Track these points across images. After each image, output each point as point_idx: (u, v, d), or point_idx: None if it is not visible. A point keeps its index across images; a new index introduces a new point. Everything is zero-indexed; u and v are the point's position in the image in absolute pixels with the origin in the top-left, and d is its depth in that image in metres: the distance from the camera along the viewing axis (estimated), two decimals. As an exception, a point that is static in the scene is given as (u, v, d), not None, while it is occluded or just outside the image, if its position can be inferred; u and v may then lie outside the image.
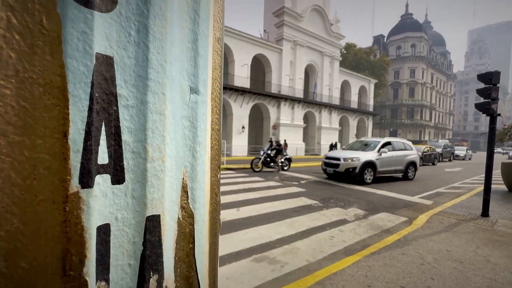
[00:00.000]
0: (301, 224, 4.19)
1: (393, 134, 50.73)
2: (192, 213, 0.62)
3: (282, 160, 11.28)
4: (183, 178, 0.60)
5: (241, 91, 20.09)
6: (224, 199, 5.67)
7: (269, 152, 10.91)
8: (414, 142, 30.64)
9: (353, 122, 31.44)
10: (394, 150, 9.19)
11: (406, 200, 6.28)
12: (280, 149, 11.10)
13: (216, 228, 0.71)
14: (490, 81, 4.67)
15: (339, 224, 4.27)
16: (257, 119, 25.76)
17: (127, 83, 0.50)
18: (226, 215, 4.52)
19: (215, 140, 0.69)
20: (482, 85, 4.88)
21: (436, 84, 56.06)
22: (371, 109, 34.45)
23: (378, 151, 8.61)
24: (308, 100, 25.16)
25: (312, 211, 4.97)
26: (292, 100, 23.68)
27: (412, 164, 9.71)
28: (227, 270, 2.66)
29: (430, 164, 18.11)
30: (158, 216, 0.55)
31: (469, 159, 26.61)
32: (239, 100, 20.55)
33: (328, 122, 27.82)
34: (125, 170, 0.51)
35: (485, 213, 4.81)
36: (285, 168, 11.47)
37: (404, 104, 49.98)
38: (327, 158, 9.08)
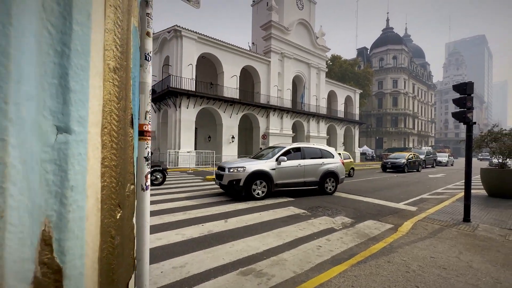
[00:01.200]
0: (288, 234, 4.15)
1: (379, 142, 52.14)
2: (59, 267, 0.53)
3: None
4: (44, 230, 0.52)
5: (230, 102, 20.20)
6: (211, 210, 5.58)
7: None
8: (399, 150, 31.56)
9: (340, 131, 32.09)
10: (304, 158, 7.72)
11: (392, 207, 6.39)
12: None
13: (118, 273, 0.62)
14: (464, 91, 4.92)
15: (326, 233, 4.27)
16: (247, 129, 25.85)
17: None
18: (213, 227, 4.44)
19: (109, 178, 0.61)
20: (458, 95, 5.14)
21: (417, 93, 58.52)
22: (357, 118, 35.36)
23: (277, 159, 7.22)
24: (297, 110, 25.58)
25: (300, 221, 4.95)
26: (281, 110, 24.00)
27: (331, 174, 8.04)
28: (212, 285, 2.58)
29: (415, 170, 18.52)
30: None
31: (451, 165, 27.60)
32: (228, 111, 20.63)
33: (316, 131, 28.27)
34: None
35: (466, 218, 4.95)
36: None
37: (388, 113, 51.71)
38: (218, 168, 7.56)
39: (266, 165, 7.11)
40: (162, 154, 20.08)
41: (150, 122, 1.08)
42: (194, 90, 18.46)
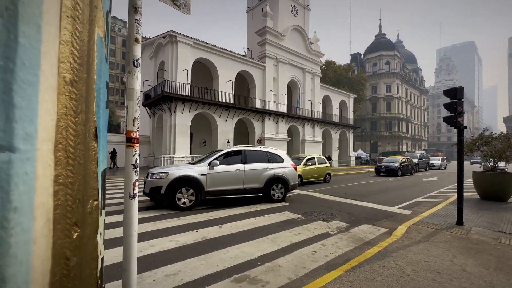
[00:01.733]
0: (283, 239, 4.13)
1: (374, 146, 52.62)
2: None
3: None
4: None
5: (225, 107, 20.23)
6: (206, 216, 5.52)
7: None
8: (393, 153, 31.86)
9: (335, 135, 32.32)
10: (245, 162, 7.00)
11: (386, 211, 6.42)
12: None
13: None
14: (455, 96, 5.02)
15: (321, 238, 4.26)
16: (242, 134, 25.85)
17: None
18: (208, 233, 4.39)
19: (64, 197, 0.59)
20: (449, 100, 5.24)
21: (410, 98, 59.49)
22: (351, 122, 35.70)
23: (209, 163, 6.49)
24: (292, 115, 25.71)
25: (295, 226, 4.93)
26: (276, 115, 24.10)
27: (279, 180, 7.27)
28: (205, 293, 2.53)
29: (408, 174, 18.60)
30: None
31: (444, 168, 27.89)
32: (224, 115, 20.63)
33: (312, 135, 28.42)
34: None
35: (459, 221, 5.00)
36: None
37: (382, 117, 52.37)
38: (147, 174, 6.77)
39: (195, 170, 6.32)
40: (156, 159, 19.90)
41: (138, 129, 1.06)
42: (189, 95, 18.45)
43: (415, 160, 21.87)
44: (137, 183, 1.04)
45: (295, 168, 7.94)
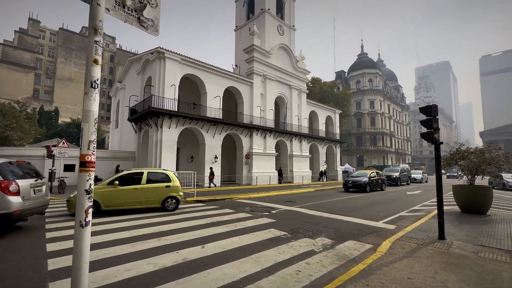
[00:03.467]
0: (267, 259, 4.01)
1: (360, 160, 53.71)
2: None
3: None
4: None
5: (213, 122, 20.21)
6: (188, 235, 5.32)
7: None
8: (379, 168, 32.45)
9: (322, 149, 32.79)
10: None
11: (372, 226, 6.43)
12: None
13: None
14: (430, 113, 5.25)
15: (306, 256, 4.17)
16: (230, 149, 25.73)
17: None
18: (189, 254, 4.20)
19: None
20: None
21: (393, 114, 61.94)
22: (338, 137, 36.46)
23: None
24: (279, 130, 25.99)
25: (280, 244, 4.83)
26: (264, 130, 24.29)
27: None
28: (181, 321, 2.37)
29: (378, 189, 16.85)
30: None
31: (426, 181, 28.13)
32: (211, 131, 20.56)
33: (299, 150, 28.69)
34: None
35: (441, 235, 5.07)
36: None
37: (367, 132, 53.95)
38: None
39: None
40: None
41: (94, 152, 1.00)
42: (176, 110, 18.35)
43: (396, 174, 21.85)
44: (90, 210, 0.96)
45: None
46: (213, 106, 20.98)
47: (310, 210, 8.80)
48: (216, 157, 20.68)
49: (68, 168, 18.69)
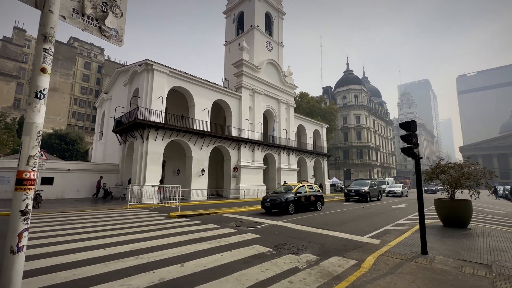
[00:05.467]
0: (249, 277, 3.85)
1: (347, 173, 54.44)
2: None
3: None
4: None
5: (201, 134, 20.02)
6: (168, 253, 5.07)
7: None
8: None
9: (310, 163, 33.04)
10: None
11: (357, 241, 6.38)
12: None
13: None
14: (409, 128, 5.42)
15: (290, 273, 4.04)
16: (218, 162, 25.44)
17: None
18: (166, 273, 3.97)
19: None
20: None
21: (378, 128, 63.87)
22: (325, 150, 36.96)
23: None
24: (267, 143, 26.07)
25: (264, 261, 4.67)
26: (252, 143, 24.28)
27: None
28: None
29: (313, 209, 13.14)
30: None
31: (406, 195, 27.80)
32: (199, 143, 20.32)
33: (287, 163, 28.76)
34: None
35: (424, 250, 5.09)
36: None
37: (353, 146, 55.13)
38: None
39: None
40: (124, 188, 18.63)
41: (35, 169, 0.92)
42: (163, 122, 18.10)
43: (365, 188, 19.55)
44: (24, 234, 0.84)
45: None
46: (202, 118, 20.88)
47: (296, 224, 8.69)
48: (203, 170, 20.34)
49: (46, 181, 17.78)
